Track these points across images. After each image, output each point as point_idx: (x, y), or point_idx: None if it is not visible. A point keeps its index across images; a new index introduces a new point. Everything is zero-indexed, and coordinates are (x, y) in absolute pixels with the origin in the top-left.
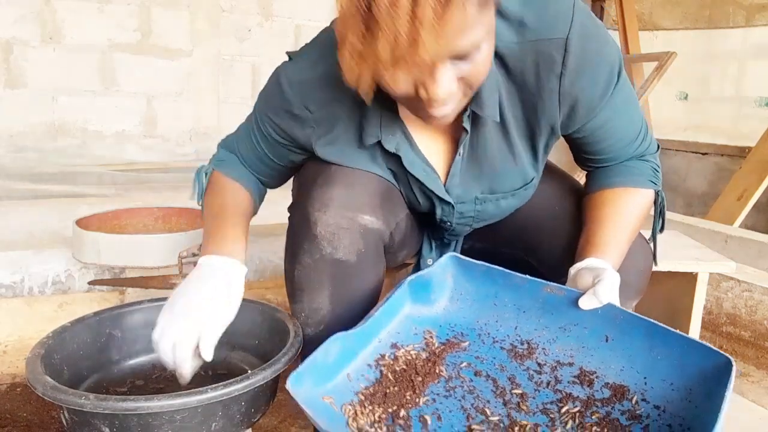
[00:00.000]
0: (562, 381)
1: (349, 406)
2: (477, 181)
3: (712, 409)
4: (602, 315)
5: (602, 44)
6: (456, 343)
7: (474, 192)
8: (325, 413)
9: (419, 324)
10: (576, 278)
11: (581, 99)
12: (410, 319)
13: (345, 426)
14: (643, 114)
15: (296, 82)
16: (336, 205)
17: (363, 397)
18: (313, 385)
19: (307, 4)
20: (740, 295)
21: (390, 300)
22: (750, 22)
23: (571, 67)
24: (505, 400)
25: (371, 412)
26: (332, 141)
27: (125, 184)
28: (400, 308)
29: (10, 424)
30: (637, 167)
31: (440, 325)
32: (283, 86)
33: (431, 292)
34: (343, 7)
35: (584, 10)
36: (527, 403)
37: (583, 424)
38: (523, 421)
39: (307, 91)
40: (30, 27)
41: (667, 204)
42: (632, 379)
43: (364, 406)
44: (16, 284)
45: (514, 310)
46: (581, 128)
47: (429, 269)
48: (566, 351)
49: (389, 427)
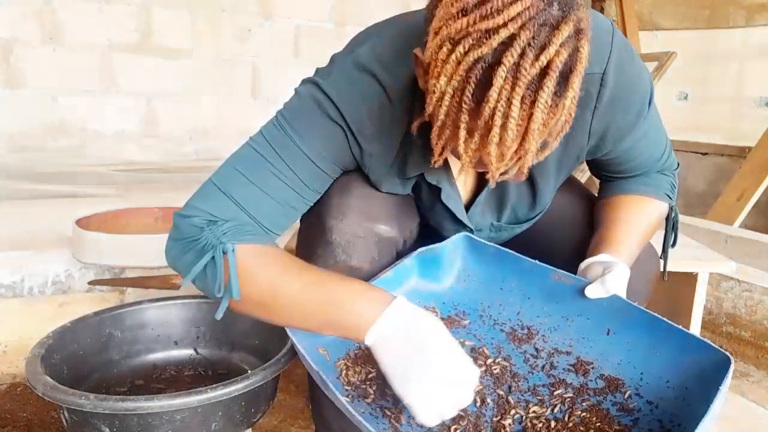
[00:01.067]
0: (557, 367)
1: (342, 362)
2: (497, 212)
3: (706, 407)
4: (606, 307)
5: (636, 75)
6: (457, 320)
7: (491, 220)
8: (319, 363)
9: (423, 299)
10: (586, 271)
11: (611, 129)
12: (416, 292)
13: (336, 379)
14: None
15: (344, 103)
16: (353, 214)
17: (355, 356)
18: (311, 334)
19: (307, 4)
20: (740, 295)
21: (396, 268)
22: (750, 22)
23: (604, 101)
24: (495, 376)
25: (362, 370)
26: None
27: (125, 184)
28: (406, 279)
29: (10, 424)
30: (656, 179)
31: (444, 302)
32: (329, 106)
33: (440, 269)
34: (443, 95)
35: (621, 40)
36: (519, 383)
37: (572, 409)
38: (512, 399)
39: (358, 116)
40: (30, 27)
41: None
42: (629, 373)
43: (356, 364)
44: (16, 284)
45: (520, 296)
46: (606, 153)
47: (439, 245)
48: (566, 340)
49: (379, 385)
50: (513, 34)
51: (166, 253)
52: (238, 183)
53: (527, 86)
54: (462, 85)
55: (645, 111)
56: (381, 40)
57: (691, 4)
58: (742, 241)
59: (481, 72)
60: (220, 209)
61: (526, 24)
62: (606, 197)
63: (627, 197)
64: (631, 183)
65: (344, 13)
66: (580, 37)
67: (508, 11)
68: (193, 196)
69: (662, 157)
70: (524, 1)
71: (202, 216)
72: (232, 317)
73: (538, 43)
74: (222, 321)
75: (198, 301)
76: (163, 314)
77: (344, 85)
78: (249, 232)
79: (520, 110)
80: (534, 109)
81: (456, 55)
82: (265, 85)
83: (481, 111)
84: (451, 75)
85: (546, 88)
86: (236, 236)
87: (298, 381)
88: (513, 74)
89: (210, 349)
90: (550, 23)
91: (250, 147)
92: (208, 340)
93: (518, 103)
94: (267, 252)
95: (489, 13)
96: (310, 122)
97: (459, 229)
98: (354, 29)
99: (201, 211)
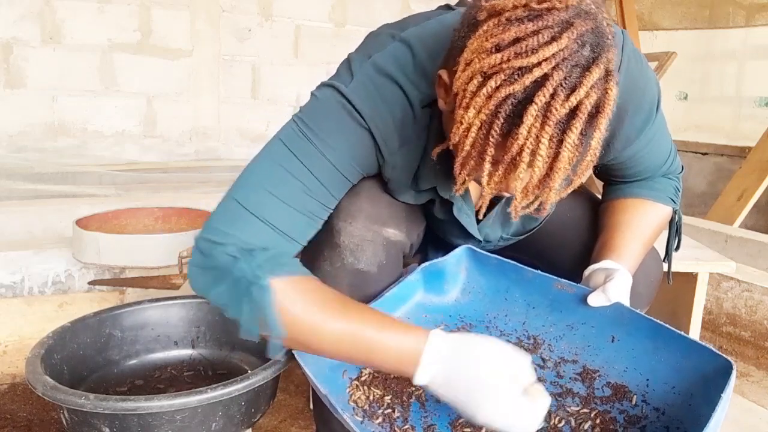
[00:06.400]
0: (564, 377)
1: (355, 382)
2: (506, 226)
3: (711, 414)
4: (610, 315)
5: (644, 83)
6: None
7: (501, 234)
8: (329, 385)
9: (429, 312)
10: (589, 278)
11: (618, 136)
12: (421, 307)
13: (346, 402)
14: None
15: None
16: (362, 217)
17: (366, 377)
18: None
19: (307, 4)
20: (740, 295)
21: (402, 284)
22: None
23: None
24: None
25: (373, 392)
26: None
27: (125, 184)
28: (412, 294)
29: (10, 424)
30: (660, 183)
31: (450, 315)
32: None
33: (444, 282)
34: (470, 127)
35: (631, 48)
36: None
37: (580, 418)
38: None
39: (383, 124)
40: (30, 27)
41: None
42: (634, 380)
43: (366, 385)
44: (16, 284)
45: (524, 306)
46: (612, 159)
47: (443, 259)
48: (571, 348)
49: (389, 404)
50: (546, 74)
51: (192, 281)
52: (266, 201)
53: (556, 125)
54: (491, 119)
55: (652, 118)
56: (402, 48)
57: (691, 4)
58: (742, 241)
59: (511, 108)
60: (253, 234)
61: (559, 65)
62: (610, 201)
63: (631, 201)
64: (636, 187)
65: (344, 13)
66: (609, 79)
67: (543, 51)
68: (215, 217)
69: (667, 161)
70: (560, 43)
71: (234, 243)
72: None
73: (569, 84)
74: (222, 321)
75: (198, 301)
76: (163, 314)
77: (368, 91)
78: (285, 264)
79: (547, 148)
80: (561, 148)
81: (487, 90)
82: (265, 85)
83: (508, 146)
84: (480, 108)
85: (574, 128)
86: (273, 269)
87: (298, 381)
88: (544, 113)
89: (210, 349)
90: (582, 65)
91: (271, 158)
92: (208, 340)
93: (546, 142)
94: (305, 288)
95: (524, 52)
96: (335, 127)
97: (467, 240)
98: (354, 29)
99: (231, 236)
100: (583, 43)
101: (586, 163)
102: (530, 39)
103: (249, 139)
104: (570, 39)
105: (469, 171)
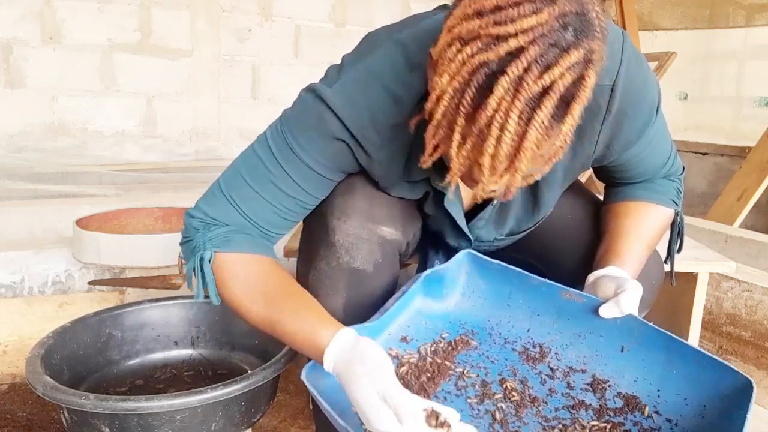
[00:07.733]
0: (574, 387)
1: None
2: (500, 226)
3: (728, 429)
4: (619, 325)
5: (644, 84)
6: (466, 340)
7: (494, 234)
8: (337, 405)
9: (429, 318)
10: (595, 285)
11: (619, 138)
12: (420, 314)
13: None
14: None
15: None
16: (357, 215)
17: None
18: (326, 375)
19: (307, 5)
20: (740, 295)
21: (405, 295)
22: (750, 22)
23: (613, 111)
24: (515, 403)
25: None
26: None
27: (125, 184)
28: (411, 301)
29: (10, 424)
30: (661, 185)
31: (450, 321)
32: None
33: (443, 287)
34: (443, 94)
35: (631, 50)
36: (539, 407)
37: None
38: (534, 425)
39: (363, 126)
40: (30, 27)
41: None
42: (645, 391)
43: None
44: (16, 284)
45: (528, 312)
46: (612, 161)
47: (445, 265)
48: (579, 357)
49: None
50: (522, 47)
51: (181, 252)
52: (240, 187)
53: (527, 102)
54: (463, 87)
55: (652, 119)
56: (395, 48)
57: (691, 4)
58: (742, 241)
59: (484, 78)
60: (220, 212)
61: (536, 39)
62: (612, 203)
63: (633, 204)
64: (637, 189)
65: (344, 13)
66: (588, 67)
67: (521, 23)
68: (202, 196)
69: (668, 163)
70: (539, 17)
71: (202, 218)
72: (232, 317)
73: (545, 61)
74: (222, 321)
75: (198, 301)
76: (163, 314)
77: (352, 94)
78: (234, 240)
79: (516, 124)
80: (529, 126)
81: (462, 56)
82: (265, 85)
83: (478, 117)
84: (454, 75)
85: (544, 107)
86: (222, 244)
87: (298, 381)
88: (515, 86)
89: (210, 349)
90: (561, 45)
91: (254, 151)
92: (208, 340)
93: (515, 117)
94: (247, 269)
95: (503, 21)
96: (312, 136)
97: (459, 238)
98: (354, 29)
99: (202, 212)
100: (565, 24)
101: (556, 150)
102: (511, 9)
103: (249, 139)
104: (551, 15)
105: (438, 140)
